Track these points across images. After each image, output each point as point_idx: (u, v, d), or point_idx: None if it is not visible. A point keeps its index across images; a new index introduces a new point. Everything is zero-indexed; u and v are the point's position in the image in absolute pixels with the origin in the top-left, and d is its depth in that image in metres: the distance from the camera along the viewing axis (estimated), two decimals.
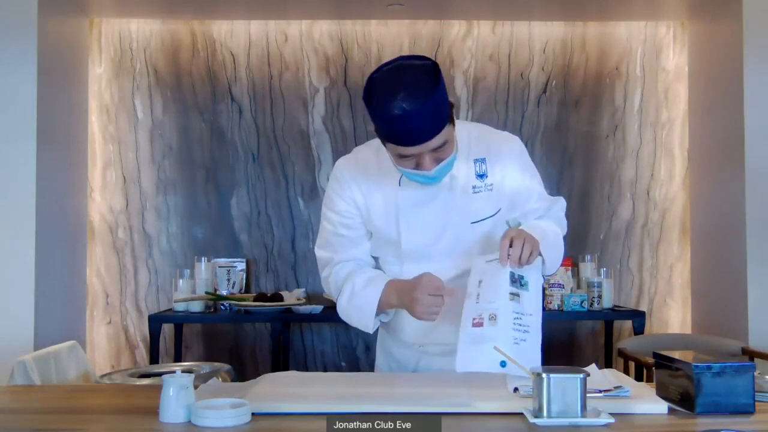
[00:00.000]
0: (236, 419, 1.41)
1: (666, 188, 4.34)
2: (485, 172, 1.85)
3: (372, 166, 1.89)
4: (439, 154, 1.71)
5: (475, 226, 1.85)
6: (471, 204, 1.84)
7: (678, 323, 4.32)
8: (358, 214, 1.91)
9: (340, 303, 1.91)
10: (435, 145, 1.68)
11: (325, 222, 1.96)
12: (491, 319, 1.65)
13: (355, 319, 1.89)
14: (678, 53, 4.35)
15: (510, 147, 1.90)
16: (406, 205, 1.85)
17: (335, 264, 1.94)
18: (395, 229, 1.86)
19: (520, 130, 4.30)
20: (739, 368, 1.50)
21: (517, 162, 1.89)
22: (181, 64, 4.29)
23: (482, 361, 1.63)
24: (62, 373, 2.25)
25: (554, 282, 3.88)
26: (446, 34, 4.32)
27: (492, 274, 1.70)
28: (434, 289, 1.71)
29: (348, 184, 1.90)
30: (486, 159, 1.86)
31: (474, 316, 1.67)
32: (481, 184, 1.85)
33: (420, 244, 1.85)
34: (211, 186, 4.29)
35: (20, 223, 3.47)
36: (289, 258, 4.28)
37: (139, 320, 4.23)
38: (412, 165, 1.72)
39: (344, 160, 1.96)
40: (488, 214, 1.86)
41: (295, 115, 4.30)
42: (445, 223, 1.85)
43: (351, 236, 1.92)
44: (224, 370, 2.93)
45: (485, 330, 1.64)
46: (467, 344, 1.65)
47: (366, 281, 1.86)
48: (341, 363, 4.27)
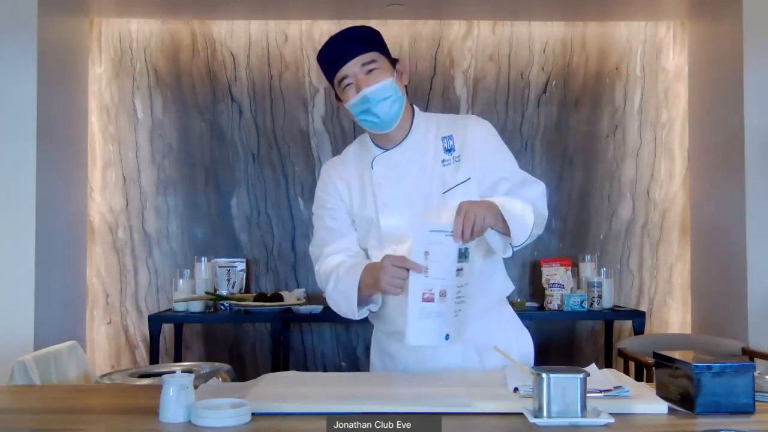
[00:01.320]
0: (236, 419, 1.41)
1: (666, 188, 4.34)
2: (452, 146, 1.95)
3: (352, 158, 2.04)
4: (371, 76, 1.86)
5: (447, 195, 1.91)
6: (441, 175, 1.93)
7: (678, 323, 4.32)
8: (343, 205, 2.02)
9: (327, 291, 1.97)
10: (364, 60, 1.86)
11: (315, 221, 2.09)
12: (442, 296, 1.71)
13: (343, 305, 1.93)
14: (678, 53, 4.35)
15: (477, 124, 1.99)
16: (379, 183, 1.95)
17: (325, 256, 2.01)
18: (373, 208, 1.95)
19: (520, 130, 4.30)
20: (739, 368, 1.50)
21: (482, 136, 1.97)
22: (181, 64, 4.29)
23: (431, 335, 1.71)
24: (62, 373, 2.25)
25: (554, 282, 3.89)
26: (446, 34, 4.32)
27: (441, 247, 1.71)
28: (398, 260, 1.75)
29: (332, 179, 2.03)
30: (453, 135, 1.96)
31: (424, 291, 1.70)
32: (449, 157, 1.95)
33: (396, 219, 1.93)
34: (211, 186, 4.29)
35: (20, 223, 3.47)
36: (289, 258, 4.28)
37: (139, 320, 4.23)
38: (353, 92, 1.87)
39: (329, 161, 2.12)
40: (458, 182, 1.92)
41: (295, 115, 4.30)
42: (417, 196, 1.92)
43: (338, 228, 2.02)
44: (224, 370, 2.93)
45: (436, 306, 1.70)
46: (418, 318, 1.70)
47: (349, 267, 1.93)
48: (341, 363, 4.27)
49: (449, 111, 4.26)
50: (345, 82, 1.88)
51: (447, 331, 1.72)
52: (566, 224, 4.32)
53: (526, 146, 4.30)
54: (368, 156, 1.99)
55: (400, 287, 1.74)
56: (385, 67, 1.90)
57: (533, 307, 3.98)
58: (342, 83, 1.89)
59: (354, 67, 1.86)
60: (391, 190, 1.94)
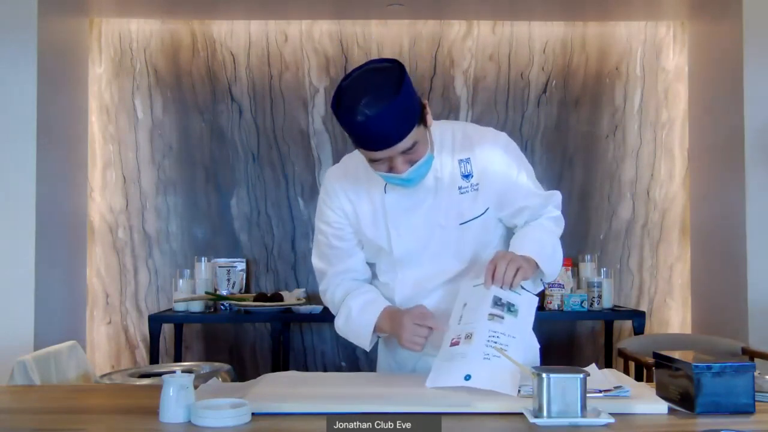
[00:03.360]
0: (236, 419, 1.41)
1: (666, 188, 4.34)
2: (470, 171, 1.83)
3: (360, 175, 1.89)
4: (410, 156, 1.69)
5: (464, 227, 1.85)
6: (458, 205, 1.84)
7: (678, 323, 4.32)
8: (348, 224, 1.91)
9: (337, 324, 1.96)
10: (404, 148, 1.66)
11: (318, 234, 1.97)
12: (467, 338, 1.66)
13: (353, 339, 1.94)
14: (678, 53, 4.35)
15: (494, 145, 1.86)
16: (393, 211, 1.85)
17: (331, 277, 1.96)
18: (385, 235, 1.87)
19: (520, 130, 4.30)
20: (739, 368, 1.50)
21: (501, 159, 1.86)
22: (181, 64, 4.29)
23: (450, 375, 1.62)
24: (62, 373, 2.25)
25: (554, 282, 3.88)
26: (446, 34, 4.32)
27: (477, 297, 1.71)
28: (420, 317, 1.72)
29: (337, 195, 1.90)
30: (470, 159, 1.84)
31: (453, 337, 1.68)
32: (467, 184, 1.84)
33: (410, 248, 1.86)
34: (211, 186, 4.29)
35: (20, 223, 3.47)
36: (289, 258, 4.28)
37: (139, 320, 4.23)
38: (385, 168, 1.71)
39: (333, 170, 1.97)
40: (476, 214, 1.85)
41: (295, 115, 4.30)
42: (433, 226, 1.84)
43: (344, 247, 1.93)
44: (224, 370, 2.93)
45: (460, 348, 1.65)
46: (441, 361, 1.67)
47: (362, 306, 1.89)
48: (341, 363, 4.27)
49: (449, 111, 4.27)
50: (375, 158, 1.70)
51: (468, 371, 1.60)
52: (566, 224, 4.28)
53: (526, 146, 4.29)
54: (378, 177, 1.80)
55: (420, 345, 1.74)
56: (422, 137, 1.71)
57: None
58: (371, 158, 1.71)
59: (391, 153, 1.67)
60: (406, 219, 1.84)
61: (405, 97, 1.63)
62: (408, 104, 1.65)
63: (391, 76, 1.64)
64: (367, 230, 1.89)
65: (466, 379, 1.58)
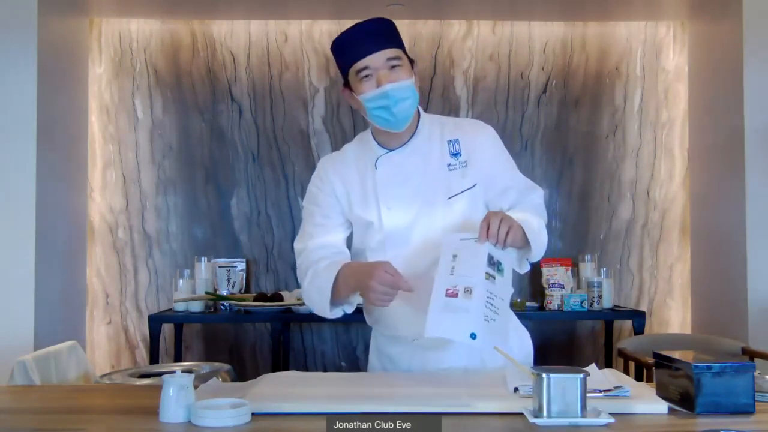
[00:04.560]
0: (236, 419, 1.41)
1: (666, 188, 4.34)
2: (459, 150, 1.92)
3: (352, 156, 1.98)
4: (396, 74, 1.82)
5: (452, 201, 1.89)
6: (446, 179, 1.90)
7: (678, 323, 4.32)
8: (337, 204, 1.96)
9: (303, 286, 1.93)
10: (391, 55, 1.82)
11: (304, 216, 2.01)
12: (466, 292, 1.64)
13: (316, 301, 1.89)
14: (678, 53, 4.35)
15: (483, 130, 1.98)
16: (383, 185, 1.90)
17: (309, 250, 1.95)
18: (375, 211, 1.90)
19: (520, 130, 4.30)
20: (739, 368, 1.50)
21: (489, 142, 1.95)
22: (181, 64, 4.29)
23: (454, 329, 1.60)
24: (62, 373, 2.25)
25: (554, 282, 3.88)
26: (446, 34, 4.32)
27: (469, 251, 1.70)
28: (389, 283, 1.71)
29: (329, 178, 1.97)
30: (459, 139, 1.93)
31: (448, 287, 1.65)
32: (455, 161, 1.91)
33: (399, 223, 1.89)
34: (211, 186, 4.29)
35: (20, 223, 3.47)
36: (289, 258, 4.27)
37: (139, 320, 4.23)
38: (373, 86, 1.82)
39: (327, 156, 2.07)
40: (464, 187, 1.90)
41: (295, 115, 4.30)
42: (422, 200, 1.89)
43: (328, 225, 1.96)
44: (224, 370, 2.93)
45: (459, 301, 1.62)
46: (439, 311, 1.63)
47: (328, 264, 1.89)
48: (341, 363, 4.27)
49: (449, 111, 4.27)
50: (364, 72, 1.83)
51: (473, 329, 1.59)
52: (566, 224, 4.32)
53: (526, 146, 4.30)
54: (371, 155, 1.94)
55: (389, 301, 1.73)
56: (407, 66, 1.88)
57: (533, 307, 3.98)
58: (360, 73, 1.84)
59: (378, 60, 1.82)
60: (395, 193, 1.90)
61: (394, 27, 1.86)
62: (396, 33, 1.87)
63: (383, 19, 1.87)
64: (356, 208, 1.93)
65: (472, 338, 1.58)
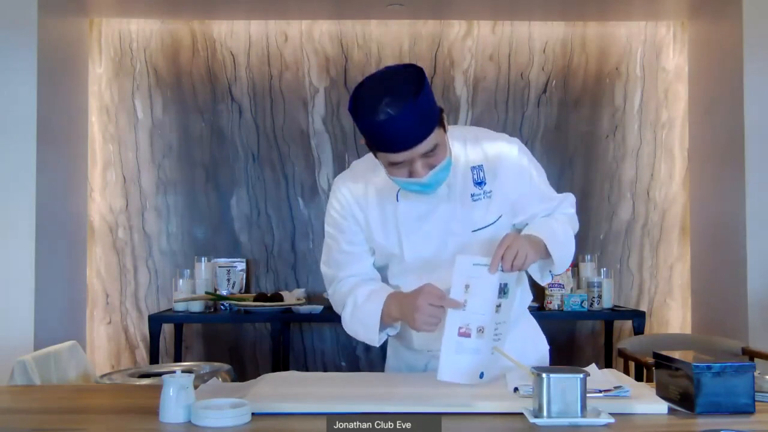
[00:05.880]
0: (236, 419, 1.41)
1: (666, 188, 4.34)
2: (483, 179, 1.81)
3: (370, 182, 1.86)
4: (430, 159, 1.67)
5: (477, 234, 1.82)
6: (471, 212, 1.81)
7: (678, 323, 4.32)
8: (360, 231, 1.88)
9: (344, 318, 1.89)
10: (425, 150, 1.64)
11: (328, 239, 1.94)
12: (479, 332, 1.65)
13: (361, 334, 1.86)
14: (678, 53, 4.35)
15: (508, 152, 1.85)
16: (405, 219, 1.82)
17: (339, 280, 1.92)
18: (397, 243, 1.84)
19: (520, 130, 4.30)
20: (739, 368, 1.50)
21: (515, 166, 1.85)
22: (181, 64, 4.29)
23: (466, 372, 1.64)
24: (62, 373, 2.25)
25: (554, 282, 3.88)
26: (446, 34, 4.32)
27: (481, 281, 1.67)
28: (436, 298, 1.67)
29: (348, 203, 1.87)
30: (483, 165, 1.82)
31: (461, 325, 1.65)
32: (479, 191, 1.81)
33: (423, 256, 1.83)
34: (211, 186, 4.29)
35: (20, 223, 3.47)
36: (289, 258, 4.28)
37: (139, 320, 4.23)
38: (405, 174, 1.69)
39: (343, 177, 1.92)
40: (488, 222, 1.83)
41: (295, 115, 4.30)
42: (446, 234, 1.82)
43: (355, 252, 1.90)
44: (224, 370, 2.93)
45: (472, 342, 1.64)
46: (452, 353, 1.64)
47: (367, 295, 1.84)
48: (341, 363, 4.27)
49: (449, 111, 4.26)
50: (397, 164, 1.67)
51: (482, 369, 1.62)
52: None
53: (526, 146, 4.28)
54: (389, 185, 1.80)
55: (435, 325, 1.68)
56: (442, 140, 1.68)
57: (533, 307, 3.91)
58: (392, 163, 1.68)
59: (412, 155, 1.64)
60: (418, 230, 1.82)
61: (426, 98, 1.61)
62: (429, 105, 1.62)
63: (410, 77, 1.63)
64: (377, 237, 1.86)
65: (480, 378, 1.64)
